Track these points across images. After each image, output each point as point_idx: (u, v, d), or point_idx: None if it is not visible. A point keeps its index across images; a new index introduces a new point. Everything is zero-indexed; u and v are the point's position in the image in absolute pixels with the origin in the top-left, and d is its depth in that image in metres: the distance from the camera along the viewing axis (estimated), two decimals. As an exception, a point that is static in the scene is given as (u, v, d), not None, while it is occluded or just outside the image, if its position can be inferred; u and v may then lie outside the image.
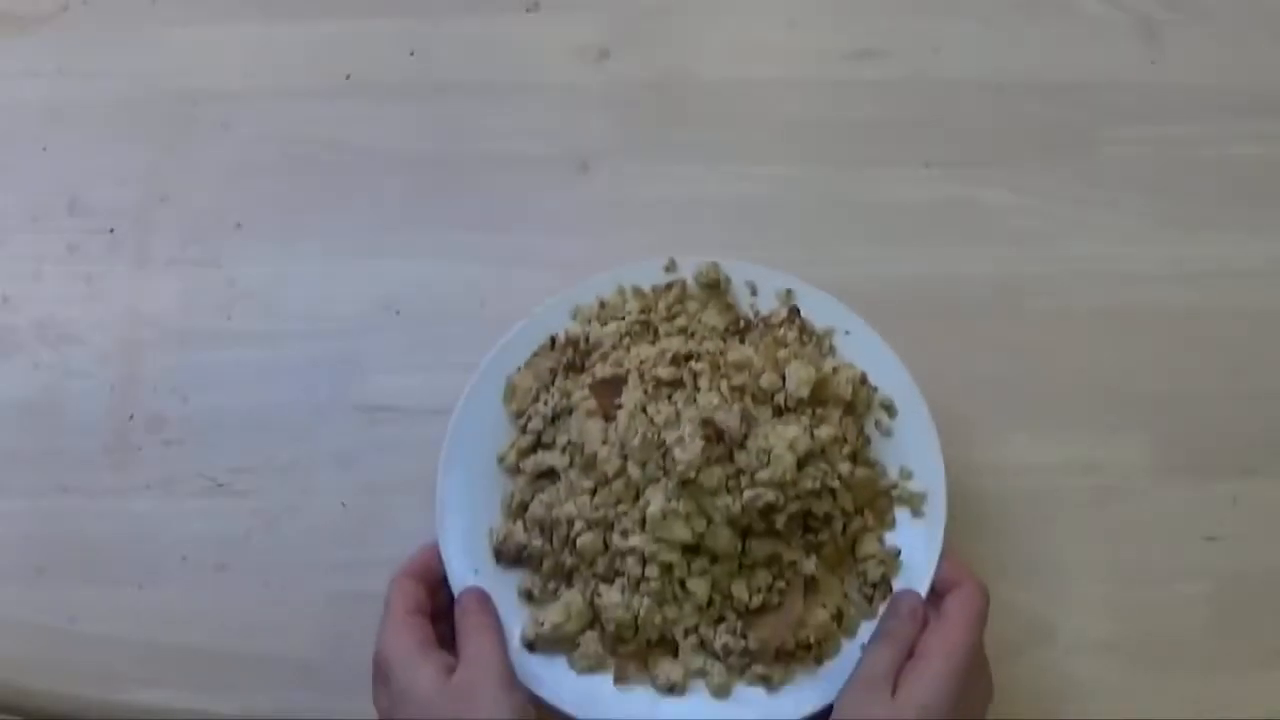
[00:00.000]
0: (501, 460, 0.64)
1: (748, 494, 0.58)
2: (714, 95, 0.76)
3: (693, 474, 0.57)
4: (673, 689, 0.60)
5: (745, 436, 0.58)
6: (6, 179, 0.75)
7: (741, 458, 0.58)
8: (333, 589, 0.66)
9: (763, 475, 0.58)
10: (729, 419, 0.58)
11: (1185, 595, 0.66)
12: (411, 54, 0.78)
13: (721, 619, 0.60)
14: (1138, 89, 0.78)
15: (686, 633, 0.60)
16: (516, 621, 0.61)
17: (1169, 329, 0.71)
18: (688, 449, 0.57)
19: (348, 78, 0.78)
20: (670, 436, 0.58)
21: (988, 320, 0.71)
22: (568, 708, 0.60)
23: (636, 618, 0.60)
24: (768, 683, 0.60)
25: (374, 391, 0.70)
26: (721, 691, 0.60)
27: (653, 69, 0.78)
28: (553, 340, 0.65)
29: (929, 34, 0.78)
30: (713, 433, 0.58)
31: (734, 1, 0.80)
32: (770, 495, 0.58)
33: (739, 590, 0.60)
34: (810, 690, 0.60)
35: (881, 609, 0.61)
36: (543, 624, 0.60)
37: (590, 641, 0.61)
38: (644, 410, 0.60)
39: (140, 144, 0.76)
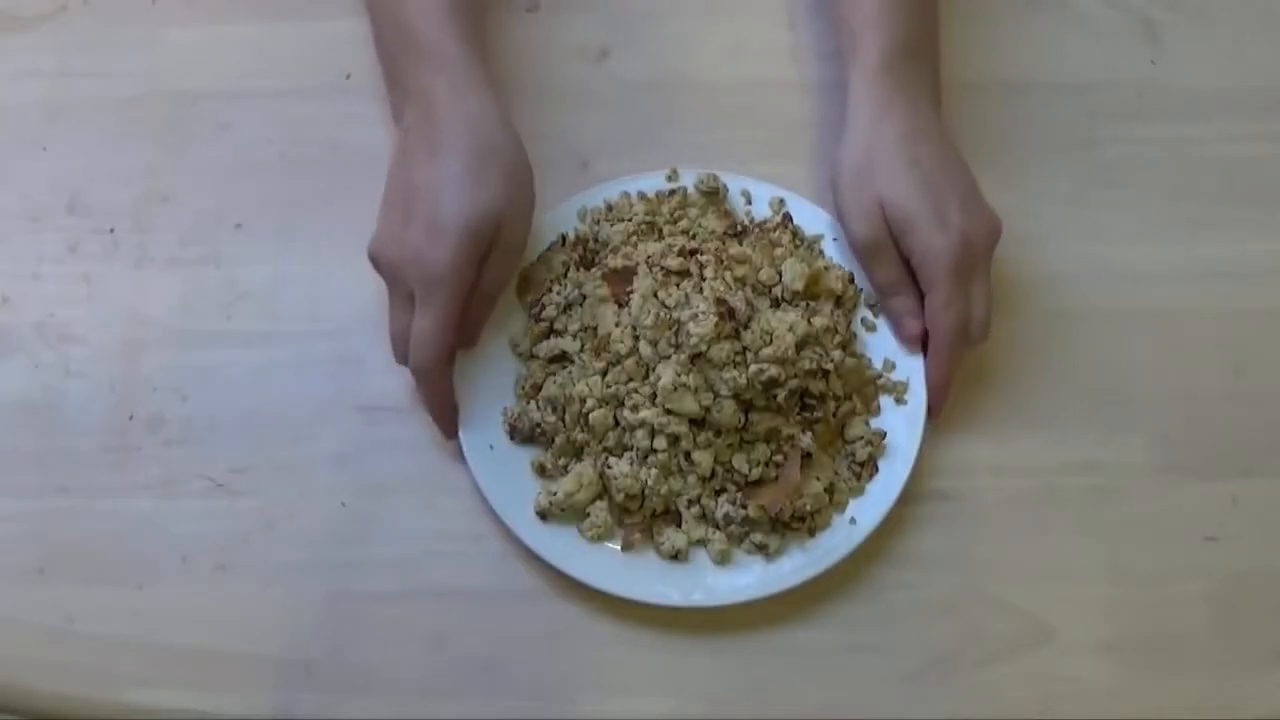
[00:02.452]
0: (516, 347, 0.68)
1: (753, 368, 0.62)
2: (714, 95, 0.76)
3: (704, 348, 0.62)
4: (676, 556, 0.64)
5: (749, 319, 0.63)
6: (6, 179, 0.76)
7: (746, 336, 0.63)
8: (333, 589, 0.66)
9: (766, 352, 0.63)
10: (737, 300, 0.63)
11: (1185, 595, 0.66)
12: (411, 54, 0.78)
13: (723, 490, 0.64)
14: (1138, 89, 0.78)
15: (690, 503, 0.64)
16: (530, 494, 0.65)
17: (1169, 329, 0.71)
18: (701, 324, 0.62)
19: (348, 78, 0.78)
20: (683, 315, 0.63)
21: (988, 320, 0.72)
22: (577, 574, 0.63)
23: (644, 488, 0.64)
24: (765, 551, 0.64)
25: (374, 391, 0.70)
26: (722, 559, 0.64)
27: (653, 69, 0.78)
28: (563, 238, 0.71)
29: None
30: (724, 310, 0.63)
31: (733, 2, 0.80)
32: (773, 370, 0.62)
33: (740, 463, 0.64)
34: (804, 559, 0.64)
35: (869, 488, 0.66)
36: (555, 494, 0.64)
37: (599, 511, 0.64)
38: (655, 295, 0.65)
39: (140, 144, 0.76)
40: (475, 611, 0.65)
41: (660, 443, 0.63)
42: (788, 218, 0.71)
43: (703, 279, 0.65)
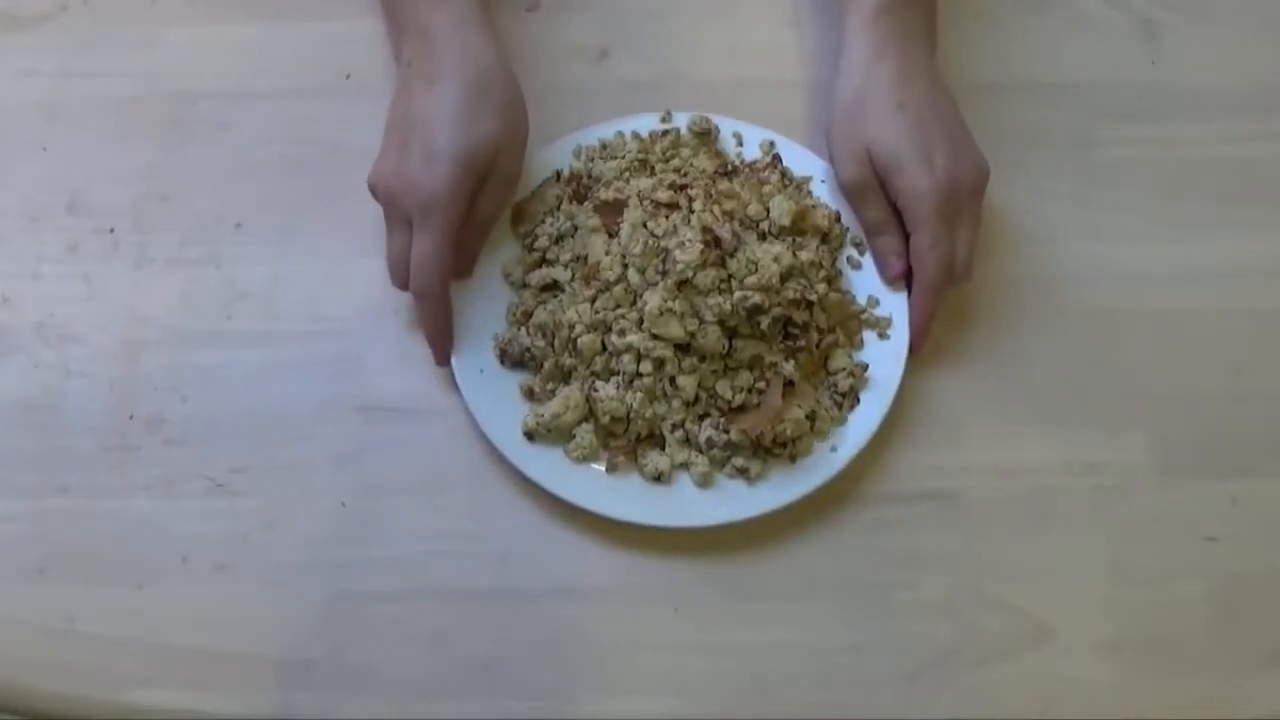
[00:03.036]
0: (508, 277, 0.70)
1: (737, 295, 0.64)
2: (713, 95, 0.76)
3: (690, 274, 0.63)
4: (659, 478, 0.65)
5: (735, 249, 0.65)
6: (6, 179, 0.76)
7: (732, 264, 0.65)
8: (333, 589, 0.66)
9: (751, 280, 0.64)
10: (723, 230, 0.65)
11: (1185, 595, 0.66)
12: (411, 54, 0.78)
13: (706, 415, 0.66)
14: (1138, 89, 0.78)
15: (674, 427, 0.66)
16: (518, 417, 0.67)
17: (1169, 329, 0.71)
18: (687, 250, 0.64)
19: (348, 78, 0.78)
20: (670, 243, 0.65)
21: (988, 320, 0.71)
22: (562, 493, 0.65)
23: (629, 412, 0.65)
24: (746, 475, 0.65)
25: (374, 391, 0.70)
26: (704, 481, 0.65)
27: (653, 69, 0.78)
28: (558, 174, 0.73)
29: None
30: (710, 239, 0.64)
31: (733, 2, 0.80)
32: (757, 298, 0.64)
33: (723, 389, 0.65)
34: (785, 484, 0.65)
35: (850, 418, 0.67)
36: (542, 415, 0.66)
37: (585, 433, 0.66)
38: (644, 225, 0.66)
39: (140, 144, 0.76)
40: (475, 611, 0.65)
41: (646, 367, 0.65)
42: (777, 159, 0.73)
43: (691, 211, 0.67)
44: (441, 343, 0.68)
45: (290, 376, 0.70)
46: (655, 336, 0.64)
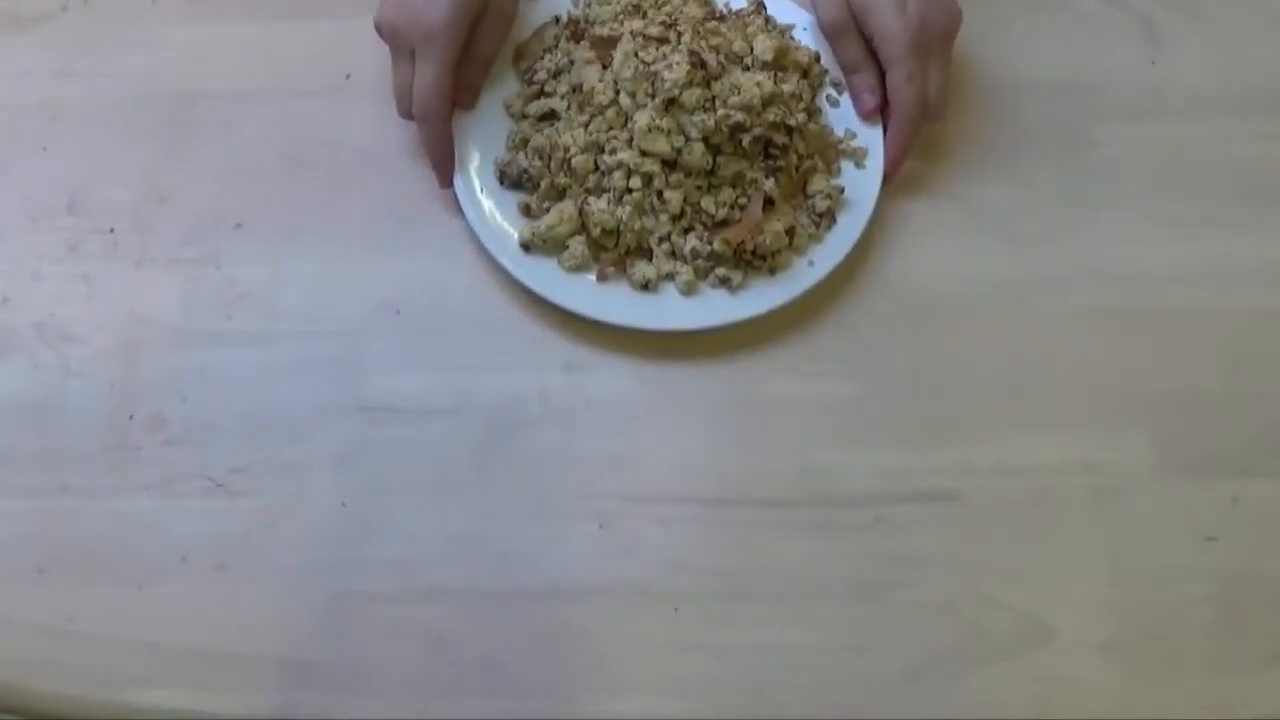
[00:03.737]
0: (509, 108, 0.75)
1: (720, 113, 0.68)
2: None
3: (677, 92, 0.68)
4: (646, 286, 0.70)
5: (720, 74, 0.69)
6: (6, 179, 0.76)
7: (716, 87, 0.69)
8: (333, 589, 0.66)
9: (734, 101, 0.69)
10: (709, 55, 0.69)
11: (1185, 595, 0.66)
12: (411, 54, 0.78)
13: (691, 229, 0.70)
14: (1138, 89, 0.78)
15: (660, 240, 0.71)
16: (516, 231, 0.71)
17: (1169, 329, 0.71)
18: (675, 70, 0.68)
19: (348, 78, 0.78)
20: (659, 67, 0.69)
21: (988, 320, 0.71)
22: (556, 298, 0.69)
23: (619, 225, 0.70)
24: (728, 285, 0.70)
25: (374, 391, 0.70)
26: (688, 289, 0.70)
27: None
28: (556, 18, 0.77)
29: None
30: (697, 60, 0.69)
31: (734, 1, 0.80)
32: (739, 116, 0.68)
33: (708, 204, 0.70)
34: (765, 293, 0.70)
35: (827, 236, 0.71)
36: (538, 227, 0.71)
37: (578, 245, 0.71)
38: (636, 54, 0.71)
39: (140, 144, 0.76)
40: (475, 611, 0.65)
41: (635, 182, 0.69)
42: (761, 6, 0.77)
43: (679, 44, 0.71)
44: (444, 167, 0.73)
45: (290, 376, 0.70)
46: (644, 153, 0.69)
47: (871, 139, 0.74)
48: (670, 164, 0.69)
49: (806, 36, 0.77)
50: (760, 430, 0.69)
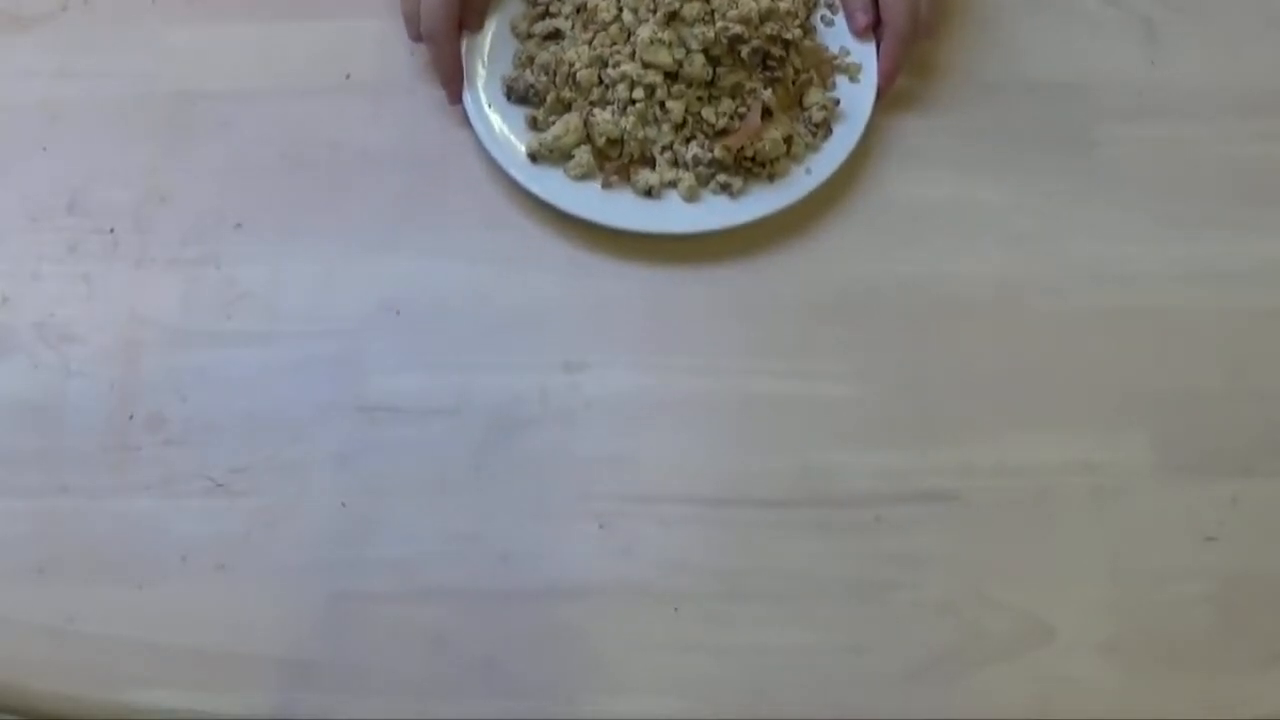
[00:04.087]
0: (515, 29, 0.78)
1: (719, 25, 0.71)
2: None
3: (677, 6, 0.71)
4: (649, 192, 0.73)
5: None
6: (6, 179, 0.76)
7: (715, 1, 0.72)
8: (333, 589, 0.66)
9: (732, 14, 0.72)
10: None
11: (1185, 595, 0.66)
12: (411, 54, 0.78)
13: (692, 138, 0.73)
14: (1138, 89, 0.78)
15: (663, 149, 0.73)
16: (523, 141, 0.74)
17: (1169, 329, 0.71)
18: None
19: (348, 78, 0.78)
20: None
21: (988, 320, 0.71)
22: (563, 204, 0.72)
23: (623, 134, 0.73)
24: (729, 190, 0.72)
25: (374, 391, 0.70)
26: (691, 195, 0.73)
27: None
28: None
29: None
30: None
31: None
32: (737, 29, 0.71)
33: (708, 114, 0.73)
34: (764, 198, 0.72)
35: (824, 146, 0.74)
36: (545, 137, 0.73)
37: (583, 154, 0.73)
38: None
39: (140, 144, 0.76)
40: (475, 611, 0.65)
41: (638, 93, 0.72)
42: None
43: None
44: (453, 85, 0.75)
45: (290, 376, 0.70)
46: (646, 65, 0.72)
47: (865, 55, 0.76)
48: (672, 75, 0.72)
49: None
50: (760, 430, 0.69)
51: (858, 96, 0.75)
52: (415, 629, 0.65)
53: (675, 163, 0.73)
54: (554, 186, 0.72)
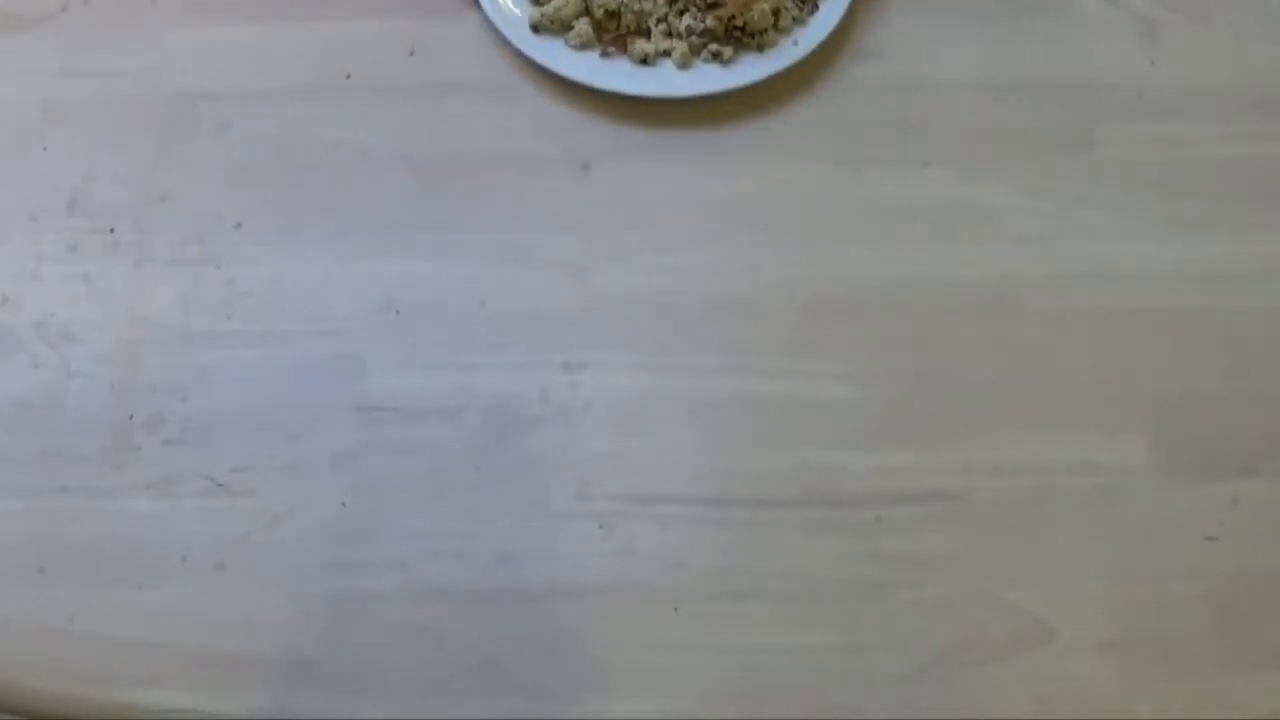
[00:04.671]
0: None
1: None
2: (712, 95, 0.76)
3: None
4: (645, 60, 0.77)
5: None
6: (6, 179, 0.76)
7: None
8: (333, 589, 0.66)
9: None
10: None
11: (1185, 595, 0.66)
12: (411, 54, 0.78)
13: (686, 11, 0.78)
14: (1137, 89, 0.78)
15: (658, 21, 0.78)
16: (525, 15, 0.78)
17: (1169, 329, 0.71)
18: None
19: (348, 78, 0.78)
20: None
21: (988, 320, 0.71)
22: (564, 70, 0.76)
23: (620, 6, 0.77)
24: (720, 59, 0.77)
25: (374, 391, 0.70)
26: (684, 63, 0.77)
27: (653, 68, 0.78)
28: None
29: (928, 33, 0.78)
30: None
31: None
32: None
33: None
34: (754, 66, 0.76)
35: (811, 20, 0.77)
36: (546, 9, 0.77)
37: (582, 25, 0.78)
38: None
39: (140, 144, 0.76)
40: (475, 611, 0.65)
41: None
42: None
43: None
44: None
45: (290, 376, 0.70)
46: None
47: None
48: None
49: None
50: (760, 430, 0.69)
51: None
52: (415, 629, 0.65)
53: (669, 33, 0.77)
54: (555, 55, 0.77)
